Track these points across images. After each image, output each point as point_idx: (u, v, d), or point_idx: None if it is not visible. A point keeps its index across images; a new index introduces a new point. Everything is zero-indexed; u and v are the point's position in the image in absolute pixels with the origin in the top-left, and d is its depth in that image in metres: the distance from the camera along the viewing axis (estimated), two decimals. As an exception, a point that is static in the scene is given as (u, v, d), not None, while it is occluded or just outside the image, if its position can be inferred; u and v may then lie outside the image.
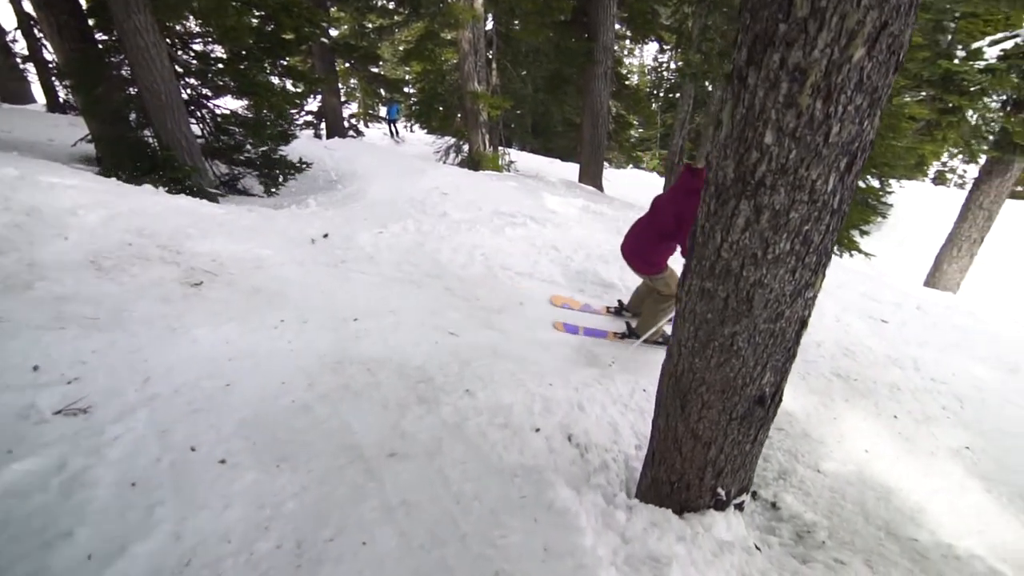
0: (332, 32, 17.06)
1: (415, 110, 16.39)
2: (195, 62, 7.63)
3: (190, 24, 8.05)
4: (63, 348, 2.71)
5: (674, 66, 23.69)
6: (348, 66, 17.50)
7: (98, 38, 7.33)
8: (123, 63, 6.98)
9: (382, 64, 20.63)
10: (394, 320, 3.83)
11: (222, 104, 8.11)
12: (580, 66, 11.33)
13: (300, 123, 16.54)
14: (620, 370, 3.70)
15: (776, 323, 1.74)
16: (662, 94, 26.33)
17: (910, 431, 3.42)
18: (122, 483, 2.03)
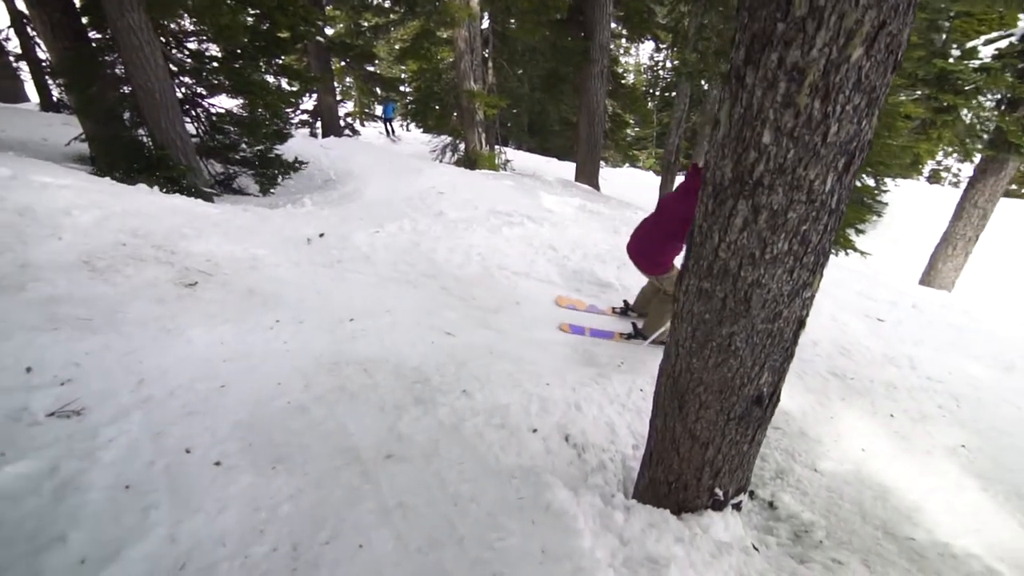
0: (328, 30, 17.01)
1: (411, 109, 16.34)
2: (190, 61, 7.59)
3: (184, 22, 8.00)
4: (56, 350, 2.69)
5: (670, 65, 23.75)
6: (344, 65, 17.43)
7: (92, 36, 7.29)
8: (117, 62, 6.95)
9: (378, 63, 20.58)
10: (390, 320, 3.82)
11: (217, 103, 8.07)
12: (576, 65, 11.33)
13: (296, 122, 16.48)
14: (617, 370, 3.69)
15: (774, 323, 1.74)
16: (658, 93, 26.43)
17: (906, 430, 3.43)
18: (116, 486, 2.01)
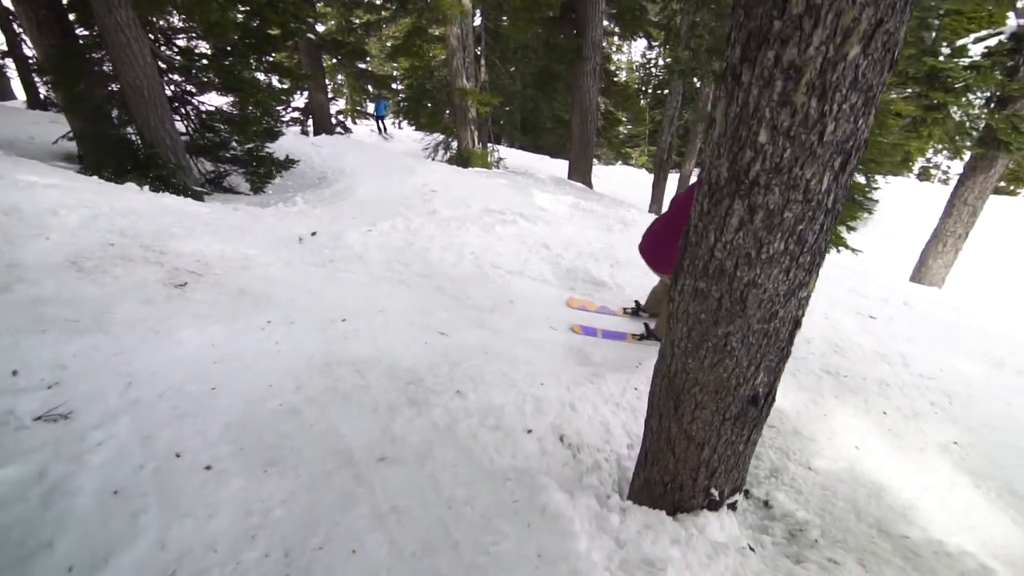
0: (319, 27, 16.91)
1: (403, 107, 16.32)
2: (179, 58, 7.52)
3: (173, 19, 7.92)
4: (43, 352, 2.64)
5: (662, 63, 23.80)
6: (335, 62, 17.34)
7: (79, 33, 7.20)
8: (105, 59, 6.87)
9: (370, 60, 20.47)
10: (383, 320, 3.79)
11: (207, 101, 8.01)
12: (569, 62, 11.31)
13: (287, 120, 16.34)
14: (611, 369, 3.68)
15: (770, 323, 1.73)
16: (651, 90, 26.49)
17: (899, 427, 3.44)
18: (104, 491, 1.97)
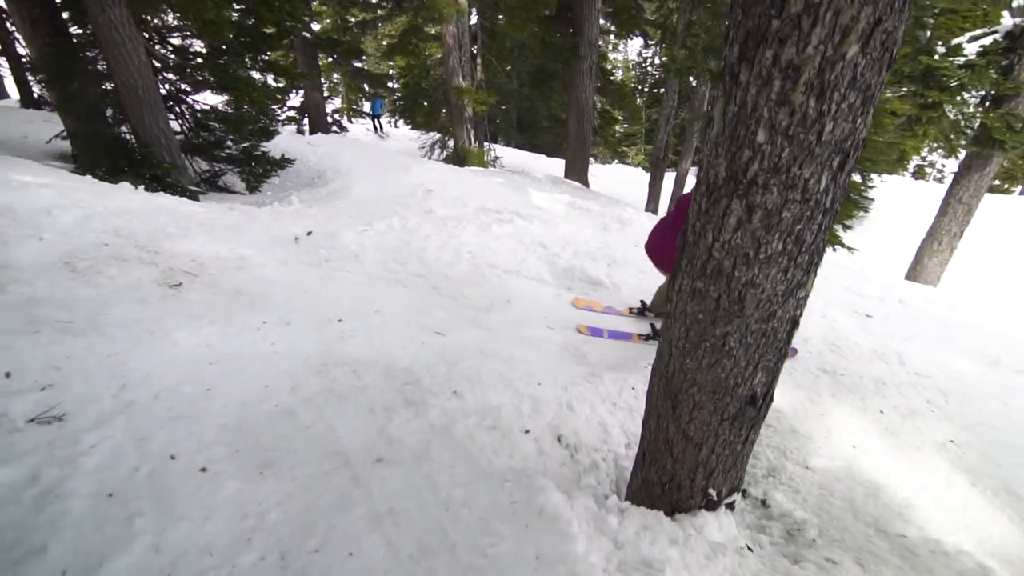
0: (314, 26, 16.84)
1: (399, 105, 16.25)
2: (173, 57, 7.48)
3: (168, 18, 7.89)
4: (36, 353, 2.62)
5: (659, 61, 23.79)
6: (331, 61, 17.26)
7: (72, 32, 7.16)
8: (99, 57, 6.83)
9: (365, 59, 20.39)
10: (380, 320, 3.78)
11: (202, 100, 7.96)
12: (565, 61, 11.30)
13: (282, 119, 16.32)
14: (608, 368, 3.68)
15: (768, 323, 1.72)
16: (647, 89, 26.48)
17: (896, 426, 3.44)
18: (98, 494, 1.96)
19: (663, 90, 15.98)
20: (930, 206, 10.14)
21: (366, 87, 19.76)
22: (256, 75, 8.92)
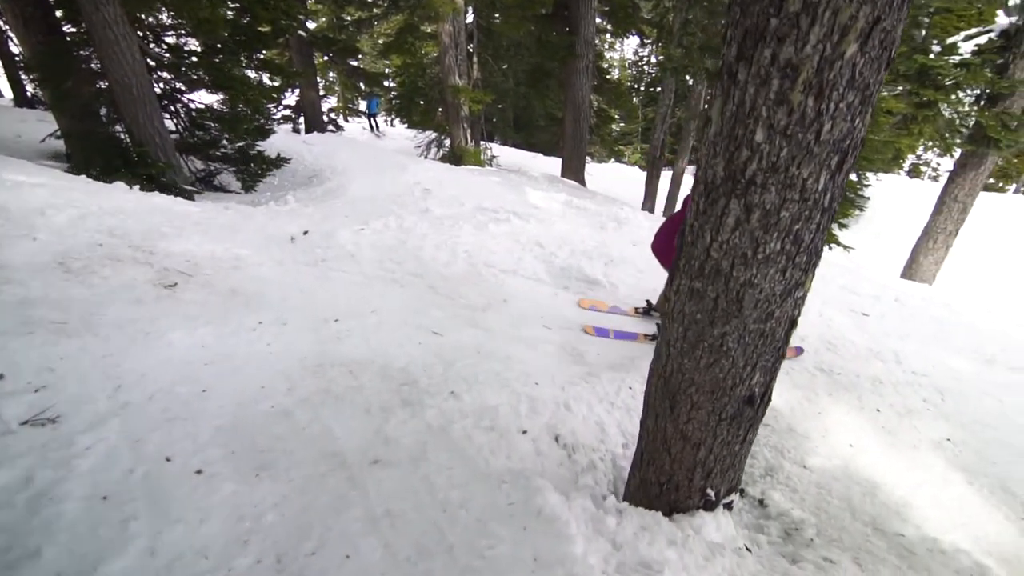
0: (310, 24, 16.76)
1: (395, 104, 16.21)
2: (168, 55, 7.43)
3: (162, 16, 7.84)
4: (30, 355, 2.60)
5: (655, 60, 23.81)
6: (327, 59, 17.21)
7: (66, 30, 7.11)
8: (92, 56, 6.79)
9: (361, 57, 20.33)
10: (376, 320, 3.76)
11: (197, 98, 7.92)
12: (561, 60, 11.29)
13: (278, 118, 16.23)
14: (606, 368, 3.67)
15: (766, 323, 1.72)
16: (643, 88, 26.50)
17: (893, 424, 3.45)
18: (93, 497, 1.94)
19: (659, 89, 15.97)
20: (925, 204, 10.17)
21: (362, 86, 19.65)
22: (251, 74, 8.89)
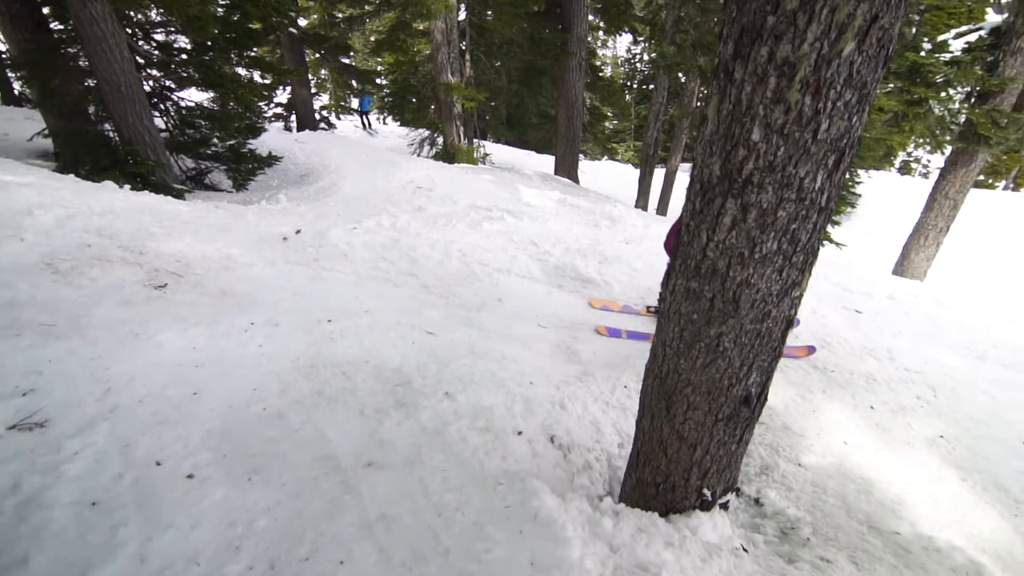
0: (301, 22, 16.64)
1: (388, 102, 16.15)
2: (157, 53, 7.36)
3: (151, 13, 7.75)
4: (17, 357, 2.57)
5: (648, 58, 23.81)
6: (318, 57, 17.08)
7: (53, 27, 7.04)
8: (80, 54, 6.71)
9: (353, 55, 20.21)
10: (370, 320, 3.73)
11: (187, 96, 7.85)
12: (554, 58, 11.27)
13: (269, 115, 16.17)
14: (600, 366, 3.66)
15: (763, 323, 1.71)
16: (636, 86, 26.49)
17: (887, 422, 3.46)
18: (82, 503, 1.91)
19: (652, 86, 15.99)
20: (916, 201, 10.21)
21: (354, 83, 19.56)
22: (242, 71, 8.81)
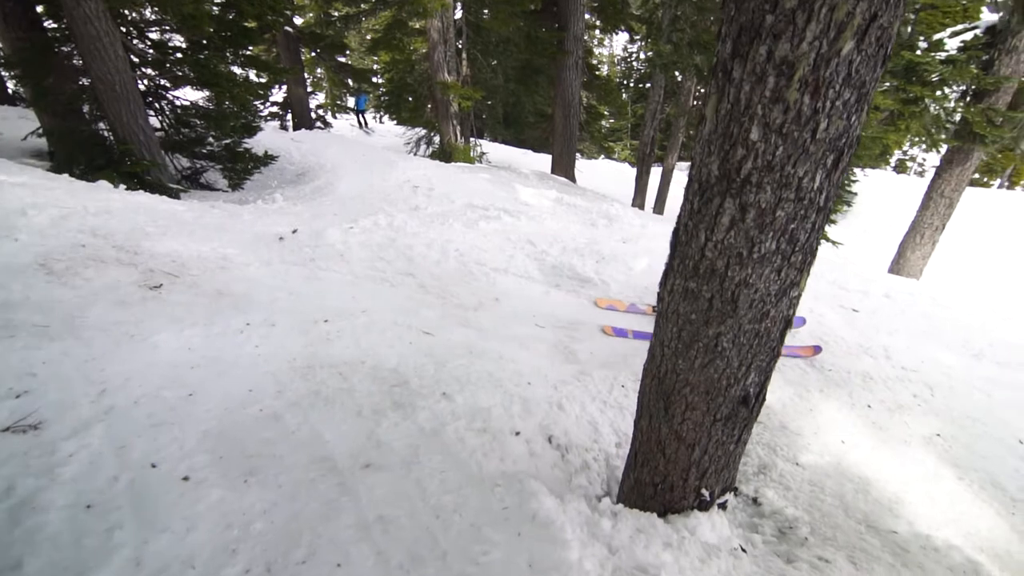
0: (297, 20, 16.60)
1: (384, 101, 16.10)
2: (152, 51, 7.32)
3: (146, 12, 7.71)
4: (10, 359, 2.55)
5: (644, 56, 23.81)
6: (314, 55, 17.02)
7: (47, 25, 7.00)
8: (74, 52, 6.68)
9: (349, 53, 20.16)
10: (367, 320, 3.72)
11: (182, 95, 7.82)
12: (551, 56, 11.25)
13: (265, 114, 16.10)
14: (598, 366, 3.66)
15: (761, 323, 1.71)
16: (632, 84, 26.50)
17: (884, 420, 3.46)
18: (76, 506, 1.90)
19: (649, 85, 15.98)
20: (912, 200, 10.24)
21: (350, 82, 19.50)
22: (237, 70, 8.76)
